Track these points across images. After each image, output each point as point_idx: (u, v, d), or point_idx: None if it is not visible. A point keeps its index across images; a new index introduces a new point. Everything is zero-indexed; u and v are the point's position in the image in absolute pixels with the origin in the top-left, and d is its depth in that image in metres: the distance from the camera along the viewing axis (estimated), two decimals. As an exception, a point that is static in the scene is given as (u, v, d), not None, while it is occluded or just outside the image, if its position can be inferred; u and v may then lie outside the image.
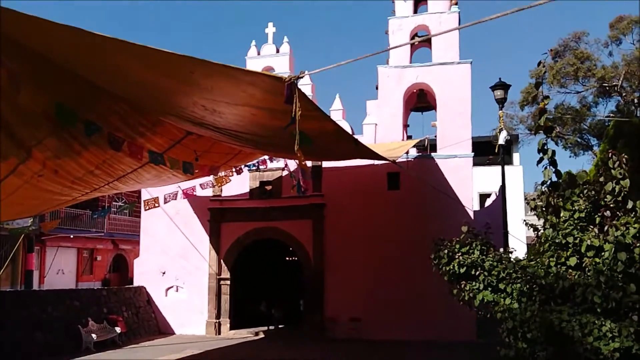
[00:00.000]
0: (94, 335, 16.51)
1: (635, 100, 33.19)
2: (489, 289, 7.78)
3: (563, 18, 72.87)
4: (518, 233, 22.42)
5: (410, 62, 19.75)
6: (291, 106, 6.35)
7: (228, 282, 20.24)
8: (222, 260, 20.27)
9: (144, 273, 21.16)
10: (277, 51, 20.86)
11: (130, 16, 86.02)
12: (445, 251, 8.33)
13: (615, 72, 32.70)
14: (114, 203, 30.59)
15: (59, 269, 28.73)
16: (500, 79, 15.15)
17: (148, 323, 20.21)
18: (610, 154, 7.85)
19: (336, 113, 19.60)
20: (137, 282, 21.25)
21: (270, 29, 21.12)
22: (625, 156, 7.71)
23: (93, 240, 30.60)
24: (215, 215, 20.46)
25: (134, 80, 7.83)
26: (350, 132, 15.82)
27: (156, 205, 18.36)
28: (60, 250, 28.58)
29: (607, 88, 33.48)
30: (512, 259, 8.00)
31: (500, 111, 15.44)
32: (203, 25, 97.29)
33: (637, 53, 31.60)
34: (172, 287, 20.80)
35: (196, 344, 17.57)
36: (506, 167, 16.66)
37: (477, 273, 7.90)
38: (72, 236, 28.30)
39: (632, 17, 32.79)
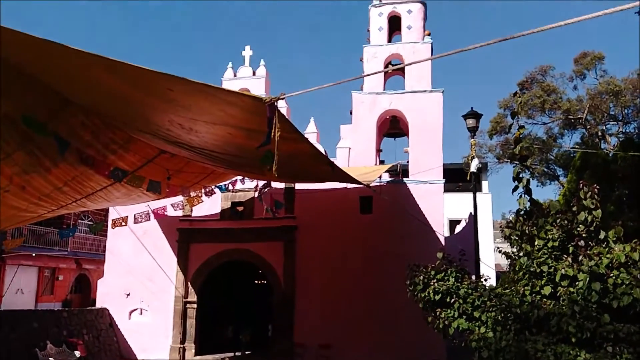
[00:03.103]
0: None
1: (599, 133, 34.10)
2: (464, 317, 7.74)
3: (529, 51, 74.98)
4: (488, 260, 22.60)
5: (384, 89, 19.94)
6: (271, 127, 6.33)
7: (194, 305, 19.78)
8: (189, 283, 19.84)
9: (108, 294, 20.54)
10: (254, 73, 20.89)
11: (108, 30, 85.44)
12: (421, 277, 8.27)
13: (580, 105, 33.57)
14: (79, 221, 29.80)
15: (18, 288, 27.67)
16: (472, 108, 15.42)
17: (109, 347, 19.55)
18: (581, 185, 7.97)
19: (311, 136, 19.58)
20: (99, 304, 20.60)
21: (247, 52, 21.19)
22: (597, 187, 7.84)
23: (56, 259, 29.59)
24: (184, 236, 20.08)
25: (109, 95, 7.66)
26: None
27: (124, 224, 17.92)
28: (20, 269, 27.53)
29: (573, 120, 34.33)
30: (487, 287, 7.99)
31: (472, 139, 15.67)
32: (179, 46, 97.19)
33: (600, 88, 32.55)
34: (136, 309, 20.21)
35: (160, 369, 17.09)
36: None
37: (452, 300, 7.85)
38: (34, 254, 27.38)
39: (595, 54, 33.86)
